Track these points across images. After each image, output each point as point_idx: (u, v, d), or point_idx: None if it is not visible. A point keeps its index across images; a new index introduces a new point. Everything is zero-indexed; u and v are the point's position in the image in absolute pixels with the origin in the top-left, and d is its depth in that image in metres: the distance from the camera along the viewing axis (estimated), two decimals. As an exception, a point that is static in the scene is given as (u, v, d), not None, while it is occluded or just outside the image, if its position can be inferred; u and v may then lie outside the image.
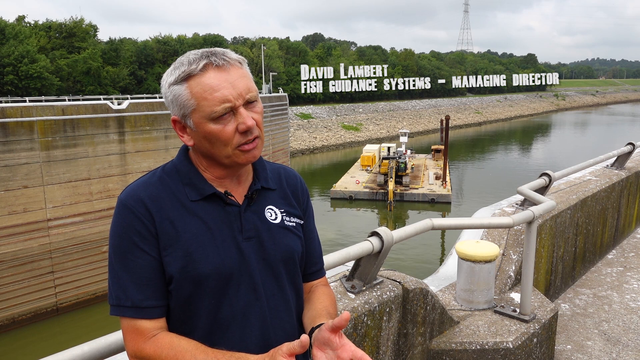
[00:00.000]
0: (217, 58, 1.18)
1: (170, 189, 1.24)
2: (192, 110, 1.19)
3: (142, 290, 1.18)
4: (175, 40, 61.61)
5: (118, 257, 1.20)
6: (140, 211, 1.19)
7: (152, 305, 1.19)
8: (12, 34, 44.16)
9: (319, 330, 1.18)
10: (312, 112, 66.69)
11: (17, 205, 17.27)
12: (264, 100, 30.19)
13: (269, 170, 1.39)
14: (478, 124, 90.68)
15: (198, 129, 1.20)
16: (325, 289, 1.47)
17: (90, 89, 48.09)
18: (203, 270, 1.19)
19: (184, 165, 1.28)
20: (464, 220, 3.03)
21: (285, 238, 1.32)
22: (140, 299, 1.18)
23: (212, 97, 1.16)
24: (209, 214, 1.24)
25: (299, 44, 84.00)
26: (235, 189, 1.30)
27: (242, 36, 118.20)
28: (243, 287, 1.24)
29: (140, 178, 1.28)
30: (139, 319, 1.19)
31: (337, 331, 1.12)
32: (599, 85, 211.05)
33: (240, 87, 1.19)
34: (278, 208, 1.35)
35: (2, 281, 17.13)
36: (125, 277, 1.18)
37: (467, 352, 2.86)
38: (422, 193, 35.24)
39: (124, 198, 1.22)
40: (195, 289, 1.20)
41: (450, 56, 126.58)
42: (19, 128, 17.14)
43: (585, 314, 4.24)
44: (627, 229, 6.19)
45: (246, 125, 1.19)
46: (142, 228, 1.18)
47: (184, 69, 1.18)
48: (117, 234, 1.20)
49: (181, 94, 1.19)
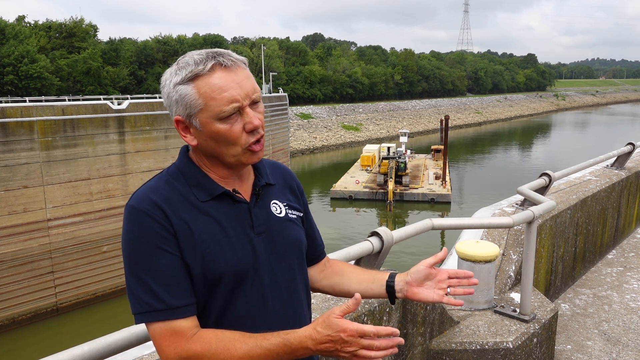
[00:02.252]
0: (225, 59, 1.19)
1: (179, 191, 1.24)
2: (199, 110, 1.19)
3: (174, 291, 1.17)
4: (175, 40, 61.56)
5: (140, 263, 1.17)
6: (156, 213, 1.18)
7: (186, 303, 1.18)
8: (12, 34, 44.14)
9: (412, 272, 1.43)
10: (312, 112, 66.68)
11: (17, 205, 17.27)
12: (264, 100, 30.20)
13: (267, 166, 1.42)
14: (478, 124, 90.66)
15: (204, 129, 1.21)
16: (342, 262, 1.64)
17: (90, 89, 48.07)
18: (221, 269, 1.20)
19: (187, 167, 1.28)
20: (464, 220, 3.03)
21: (292, 230, 1.36)
22: (174, 300, 1.16)
23: (221, 97, 1.17)
24: (220, 213, 1.25)
25: (299, 44, 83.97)
26: (240, 186, 1.31)
27: (242, 36, 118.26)
28: (257, 282, 1.25)
29: (146, 183, 1.27)
30: (176, 319, 1.16)
31: (434, 264, 1.41)
32: (599, 85, 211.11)
33: (247, 87, 1.20)
34: (281, 202, 1.38)
35: (2, 281, 17.13)
36: (152, 281, 1.16)
37: (467, 352, 2.86)
38: (422, 193, 35.23)
39: (136, 203, 1.20)
40: (212, 288, 1.21)
41: (450, 56, 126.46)
42: (19, 128, 17.14)
43: (585, 314, 4.24)
44: (627, 229, 6.18)
45: (253, 125, 1.21)
46: (161, 229, 1.17)
47: (191, 69, 1.18)
48: (135, 240, 1.17)
49: (188, 94, 1.18)
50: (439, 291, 1.40)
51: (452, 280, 1.41)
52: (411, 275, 1.43)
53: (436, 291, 1.40)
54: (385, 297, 1.48)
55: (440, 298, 1.38)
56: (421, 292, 1.41)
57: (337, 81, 77.40)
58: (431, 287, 1.41)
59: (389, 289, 1.46)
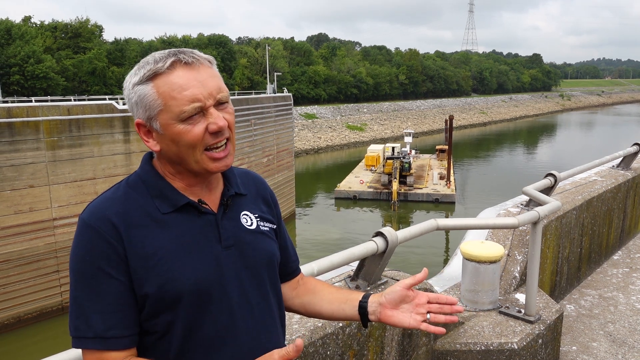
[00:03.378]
0: (186, 55, 1.10)
1: (138, 202, 1.13)
2: (158, 111, 1.10)
3: (107, 319, 1.07)
4: (180, 41, 61.81)
5: (80, 283, 1.08)
6: (106, 230, 1.08)
7: (118, 335, 1.08)
8: (18, 34, 44.43)
9: (388, 293, 1.30)
10: (317, 112, 66.71)
11: (23, 205, 17.37)
12: (269, 100, 30.22)
13: (237, 175, 1.32)
14: (483, 124, 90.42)
15: (165, 132, 1.11)
16: (316, 280, 1.53)
17: (95, 89, 48.30)
18: (182, 286, 1.10)
19: (149, 175, 1.18)
20: (468, 221, 3.02)
21: (263, 243, 1.26)
22: (104, 329, 1.07)
23: (181, 96, 1.08)
24: (183, 225, 1.15)
25: (303, 44, 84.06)
26: (207, 196, 1.21)
27: (246, 36, 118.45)
28: (226, 300, 1.15)
29: (103, 193, 1.16)
30: (104, 350, 1.07)
31: (412, 286, 1.29)
32: (605, 85, 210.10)
33: (211, 86, 1.11)
34: (252, 213, 1.28)
35: (8, 280, 17.24)
36: (88, 305, 1.07)
37: (471, 352, 2.85)
38: (426, 193, 35.21)
39: (87, 217, 1.10)
40: (173, 308, 1.10)
41: (455, 56, 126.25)
42: (25, 128, 17.24)
43: (591, 315, 4.22)
44: (633, 229, 6.15)
45: (217, 126, 1.10)
46: (108, 249, 1.07)
47: (150, 67, 1.10)
48: (80, 258, 1.08)
49: (147, 94, 1.10)
50: (417, 316, 1.26)
51: (433, 305, 1.27)
52: (385, 297, 1.30)
53: (413, 316, 1.27)
54: (358, 320, 1.37)
55: (417, 324, 1.25)
56: (396, 316, 1.28)
57: (341, 81, 77.42)
58: (408, 311, 1.28)
59: (361, 310, 1.34)
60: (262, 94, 33.50)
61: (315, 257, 2.18)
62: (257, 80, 65.23)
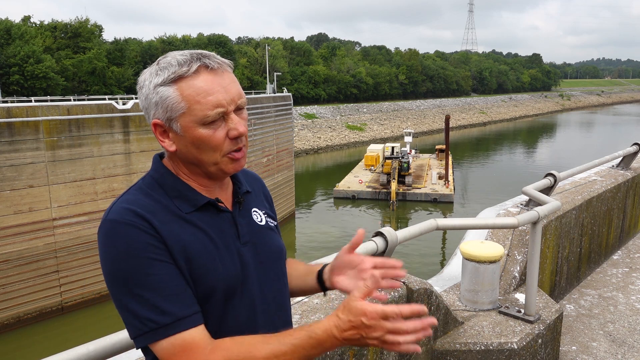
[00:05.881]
0: (211, 61, 1.12)
1: (161, 202, 1.14)
2: (180, 113, 1.11)
3: (180, 300, 1.07)
4: (180, 41, 61.81)
5: (135, 279, 1.05)
6: (142, 224, 1.07)
7: (195, 311, 1.08)
8: (18, 34, 44.42)
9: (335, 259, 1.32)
10: (317, 112, 66.70)
11: (23, 205, 17.37)
12: (269, 100, 30.21)
13: (240, 173, 1.35)
14: (483, 124, 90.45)
15: (186, 134, 1.12)
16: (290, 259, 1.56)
17: (95, 89, 48.30)
18: (215, 282, 1.12)
19: (165, 177, 1.18)
20: (468, 221, 3.02)
21: (274, 238, 1.31)
22: (182, 309, 1.06)
23: (205, 100, 1.09)
24: (206, 224, 1.16)
25: (303, 44, 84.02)
26: (221, 195, 1.24)
27: (246, 36, 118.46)
28: (247, 295, 1.19)
29: (121, 196, 1.15)
30: (187, 330, 1.06)
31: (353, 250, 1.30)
32: (605, 85, 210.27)
33: (233, 91, 1.13)
34: (260, 210, 1.32)
35: (8, 280, 17.24)
36: (152, 295, 1.05)
37: (471, 352, 2.85)
38: (425, 193, 35.24)
39: (117, 216, 1.08)
40: (204, 304, 1.12)
41: (454, 56, 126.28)
42: (24, 128, 17.23)
43: (591, 315, 4.22)
44: (632, 229, 6.15)
45: (238, 132, 1.13)
46: (150, 240, 1.07)
47: (174, 69, 1.10)
48: (123, 256, 1.06)
49: (170, 96, 1.10)
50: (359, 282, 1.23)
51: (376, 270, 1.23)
52: (333, 263, 1.33)
53: (357, 282, 1.25)
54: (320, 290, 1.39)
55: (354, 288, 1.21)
56: (341, 281, 1.29)
57: (341, 81, 77.42)
58: (353, 277, 1.28)
59: (319, 279, 1.37)
60: (262, 94, 33.47)
61: (315, 256, 2.18)
62: (256, 80, 65.22)
